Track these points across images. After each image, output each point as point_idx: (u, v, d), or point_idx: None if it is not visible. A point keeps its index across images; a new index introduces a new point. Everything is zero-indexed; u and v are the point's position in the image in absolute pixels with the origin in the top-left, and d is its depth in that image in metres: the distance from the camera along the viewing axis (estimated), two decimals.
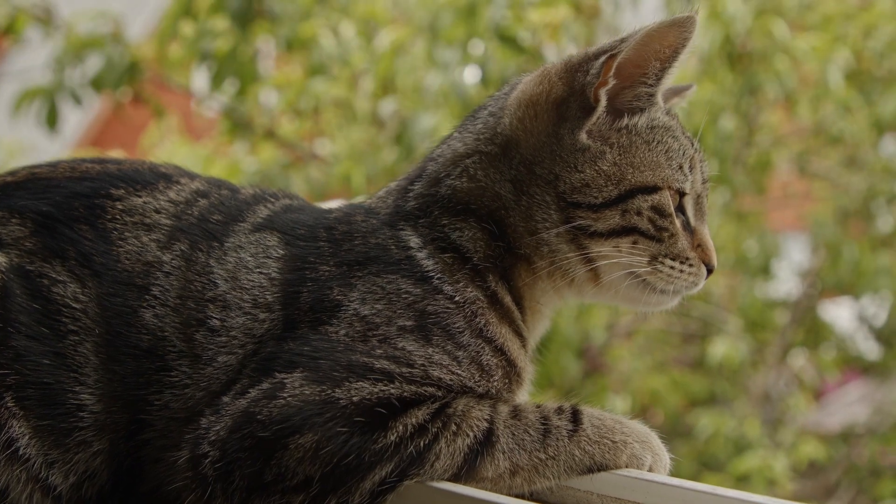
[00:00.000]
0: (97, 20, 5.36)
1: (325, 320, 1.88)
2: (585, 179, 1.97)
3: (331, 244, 1.97)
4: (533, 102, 2.03)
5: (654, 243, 2.00)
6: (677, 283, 2.03)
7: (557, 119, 2.00)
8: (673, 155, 2.03)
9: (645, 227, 1.98)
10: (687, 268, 2.02)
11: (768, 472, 6.00)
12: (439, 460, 1.78)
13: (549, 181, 1.98)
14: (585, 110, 1.99)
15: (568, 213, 1.97)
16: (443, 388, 1.85)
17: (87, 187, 2.01)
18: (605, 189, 1.96)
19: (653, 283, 2.02)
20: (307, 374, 1.81)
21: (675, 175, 2.01)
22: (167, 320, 1.90)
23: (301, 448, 1.76)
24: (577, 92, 2.00)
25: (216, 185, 2.11)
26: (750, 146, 6.62)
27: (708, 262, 2.04)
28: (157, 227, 1.98)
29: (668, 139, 2.03)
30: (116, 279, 1.92)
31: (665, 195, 1.99)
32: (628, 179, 1.97)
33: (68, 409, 1.86)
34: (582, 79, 2.00)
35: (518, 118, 2.03)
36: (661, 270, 2.01)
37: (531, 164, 2.00)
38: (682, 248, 2.02)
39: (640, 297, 2.05)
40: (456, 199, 2.02)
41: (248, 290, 1.92)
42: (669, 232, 2.00)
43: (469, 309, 1.92)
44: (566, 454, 1.81)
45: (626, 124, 2.01)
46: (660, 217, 1.99)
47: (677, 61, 2.01)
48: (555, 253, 1.99)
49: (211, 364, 1.88)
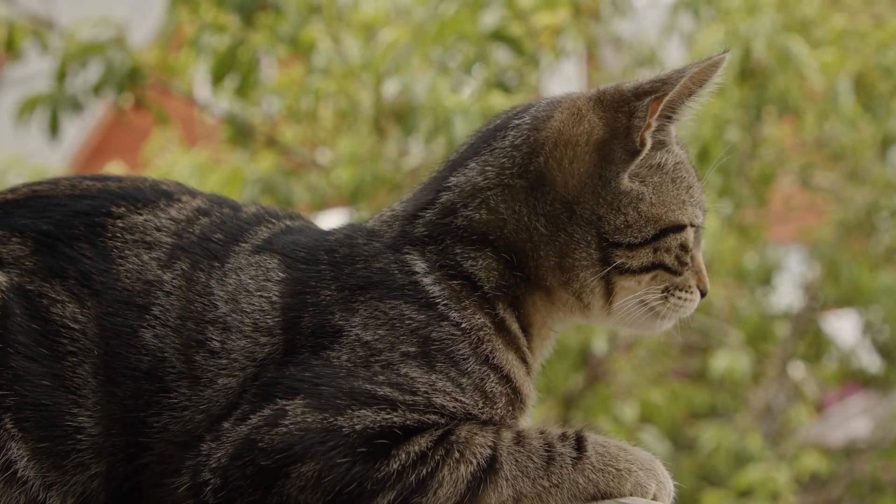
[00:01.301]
0: (99, 27, 5.35)
1: (327, 345, 1.85)
2: (628, 221, 1.96)
3: (332, 268, 1.94)
4: (573, 143, 2.00)
5: (672, 276, 2.01)
6: (682, 310, 2.05)
7: (600, 161, 1.98)
8: (693, 191, 2.04)
9: (671, 263, 1.99)
10: (689, 296, 2.04)
11: (772, 485, 5.98)
12: (442, 488, 1.76)
13: (590, 222, 1.97)
14: (630, 153, 1.98)
15: (607, 252, 1.97)
16: (446, 416, 1.83)
17: (87, 205, 1.98)
18: (644, 229, 1.97)
19: (661, 312, 2.03)
20: (309, 400, 1.79)
21: (694, 211, 2.03)
22: (167, 341, 1.87)
23: (303, 477, 1.74)
24: (620, 134, 1.98)
25: (218, 203, 2.08)
26: (753, 159, 6.61)
27: (703, 288, 2.07)
28: (158, 246, 1.95)
29: (684, 174, 2.04)
30: (116, 298, 1.89)
31: (689, 232, 2.01)
32: (663, 219, 1.98)
33: (66, 430, 1.84)
34: (625, 121, 1.98)
35: (556, 158, 1.99)
36: (672, 302, 2.02)
37: (571, 203, 1.98)
38: (687, 277, 2.03)
39: (645, 323, 2.05)
40: (472, 230, 1.99)
41: (248, 313, 1.89)
42: (688, 266, 2.02)
43: (475, 335, 1.90)
44: (570, 482, 1.79)
45: (657, 162, 2.01)
46: (684, 253, 2.00)
47: (702, 95, 2.02)
48: (584, 286, 1.99)
49: (210, 386, 1.86)
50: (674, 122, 2.03)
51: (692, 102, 2.02)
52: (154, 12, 13.72)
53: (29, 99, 5.37)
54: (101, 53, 5.24)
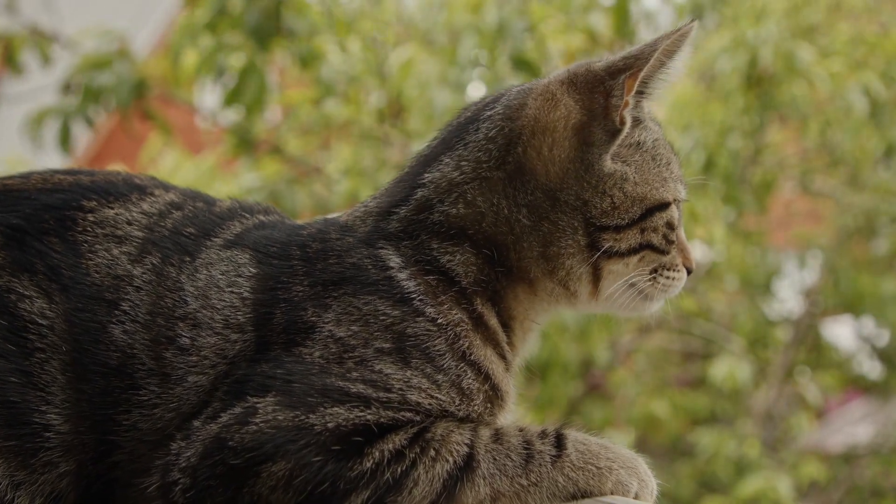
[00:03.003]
0: (103, 38, 5.33)
1: (300, 342, 1.82)
2: (615, 203, 1.94)
3: (304, 263, 1.90)
4: (550, 129, 1.96)
5: (660, 256, 1.99)
6: (670, 290, 2.02)
7: (580, 145, 1.95)
8: (672, 167, 2.01)
9: (658, 243, 1.97)
10: (676, 274, 2.02)
11: (773, 494, 5.98)
12: (417, 487, 1.72)
13: (576, 207, 1.94)
14: (610, 134, 1.95)
15: (595, 237, 1.94)
16: (421, 413, 1.79)
17: (58, 199, 1.94)
18: (631, 210, 1.94)
19: (650, 293, 2.01)
20: (280, 398, 1.75)
21: (676, 186, 2.00)
22: (137, 337, 1.83)
23: (274, 476, 1.71)
24: (598, 115, 1.95)
25: (191, 197, 2.04)
26: (755, 165, 6.62)
27: (689, 266, 2.05)
28: (129, 240, 1.91)
29: (663, 151, 2.02)
30: (85, 293, 1.85)
31: (673, 209, 1.99)
32: (648, 198, 1.96)
33: (34, 428, 1.80)
34: (602, 101, 1.95)
35: (534, 147, 1.96)
36: (660, 282, 2.00)
37: (554, 191, 1.94)
38: (674, 256, 2.01)
39: (635, 306, 2.03)
40: (449, 225, 1.95)
41: (219, 309, 1.86)
42: (675, 244, 2.00)
43: (452, 331, 1.86)
44: (549, 480, 1.75)
45: (636, 140, 1.98)
46: (670, 231, 1.99)
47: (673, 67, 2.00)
48: (570, 275, 1.96)
49: (181, 384, 1.82)
50: (647, 97, 2.00)
51: (663, 75, 2.00)
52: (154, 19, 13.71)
53: (38, 112, 5.36)
54: (108, 67, 5.23)
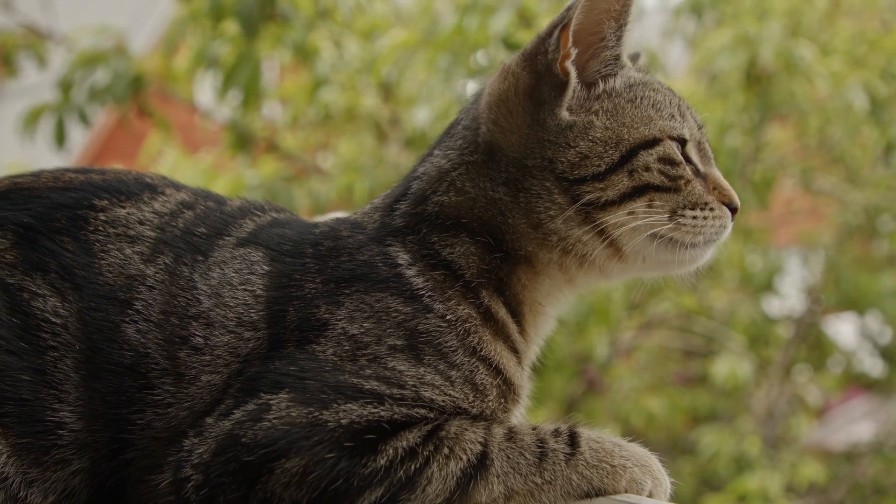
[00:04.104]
0: (100, 35, 5.33)
1: (313, 339, 1.82)
2: (582, 152, 1.92)
3: (317, 260, 1.91)
4: (504, 100, 1.99)
5: (672, 195, 1.94)
6: (705, 231, 1.96)
7: (533, 107, 1.96)
8: (660, 106, 1.99)
9: (659, 181, 1.93)
10: (709, 213, 1.97)
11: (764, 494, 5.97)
12: (431, 485, 1.72)
13: (544, 168, 1.93)
14: (559, 88, 1.95)
15: (573, 191, 1.92)
16: (435, 410, 1.80)
17: (69, 198, 1.95)
18: (605, 155, 1.92)
19: (680, 238, 1.95)
20: (294, 395, 1.76)
21: (670, 123, 1.98)
22: (150, 336, 1.84)
23: (287, 473, 1.71)
24: (543, 74, 1.96)
25: (202, 197, 2.05)
26: (755, 162, 6.61)
27: (729, 202, 1.99)
28: (141, 240, 1.92)
29: (649, 93, 2.00)
30: (98, 293, 1.86)
31: (668, 144, 1.95)
32: (626, 139, 1.93)
33: (47, 426, 1.80)
34: (543, 60, 1.96)
35: (493, 121, 1.99)
36: (685, 223, 1.95)
37: (520, 159, 1.95)
38: (699, 194, 1.96)
39: (671, 257, 1.97)
40: (444, 215, 1.97)
41: (232, 307, 1.86)
42: (685, 179, 1.95)
43: (462, 327, 1.86)
44: (563, 478, 1.75)
45: (603, 89, 1.97)
46: (671, 166, 1.95)
47: (631, 16, 1.98)
48: (565, 239, 1.94)
49: (194, 383, 1.82)
50: (612, 48, 1.98)
51: (624, 23, 1.97)
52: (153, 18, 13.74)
53: (34, 109, 5.34)
54: (105, 63, 5.21)
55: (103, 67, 5.24)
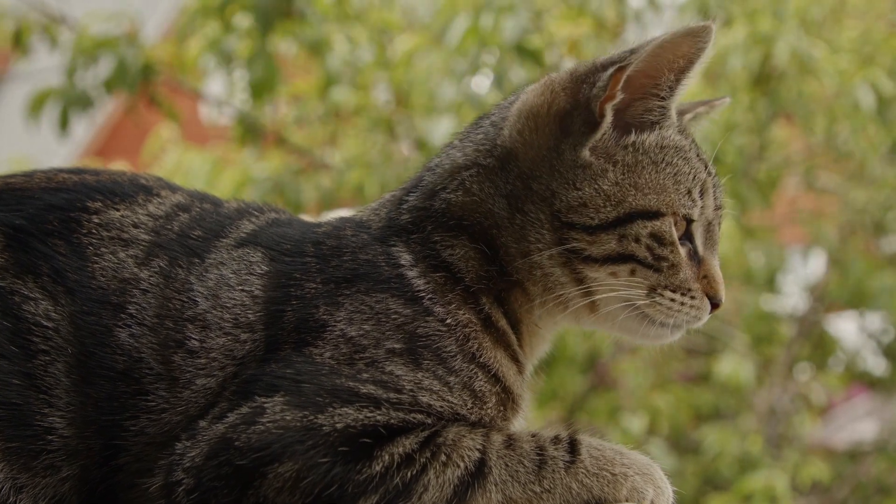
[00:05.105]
0: (112, 21, 5.27)
1: (310, 341, 1.78)
2: (583, 198, 1.86)
3: (318, 260, 1.87)
4: (534, 114, 1.92)
5: (653, 273, 1.88)
6: (678, 316, 1.91)
7: (559, 133, 1.90)
8: (682, 178, 1.90)
9: (642, 256, 1.87)
10: (689, 300, 1.90)
11: (770, 493, 5.97)
12: (427, 492, 1.69)
13: (544, 198, 1.88)
14: (590, 125, 1.88)
15: (562, 233, 1.87)
16: (433, 416, 1.76)
17: (62, 199, 1.90)
18: (602, 210, 1.85)
19: (651, 315, 1.90)
20: (289, 398, 1.72)
21: (681, 200, 1.89)
22: (144, 341, 1.80)
23: (280, 478, 1.68)
24: (581, 105, 1.89)
25: (199, 199, 2.01)
26: (760, 161, 6.61)
27: (713, 296, 1.92)
28: (135, 243, 1.88)
29: (677, 160, 1.91)
30: (91, 297, 1.82)
31: (668, 222, 1.87)
32: (629, 202, 1.86)
33: (36, 431, 1.76)
34: (587, 91, 1.89)
35: (518, 130, 1.93)
36: (661, 303, 1.89)
37: (528, 178, 1.90)
38: (683, 279, 1.89)
39: (638, 329, 1.93)
40: (450, 214, 1.92)
41: (229, 308, 1.82)
42: (669, 262, 1.88)
43: (461, 332, 1.83)
44: (563, 487, 1.71)
45: (633, 141, 1.89)
46: (659, 245, 1.87)
47: (692, 72, 1.90)
48: (548, 277, 1.89)
49: (189, 387, 1.79)
50: (662, 99, 1.91)
51: (682, 77, 1.90)
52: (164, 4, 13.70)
53: (39, 93, 5.28)
54: (114, 49, 5.15)
55: (111, 54, 5.16)
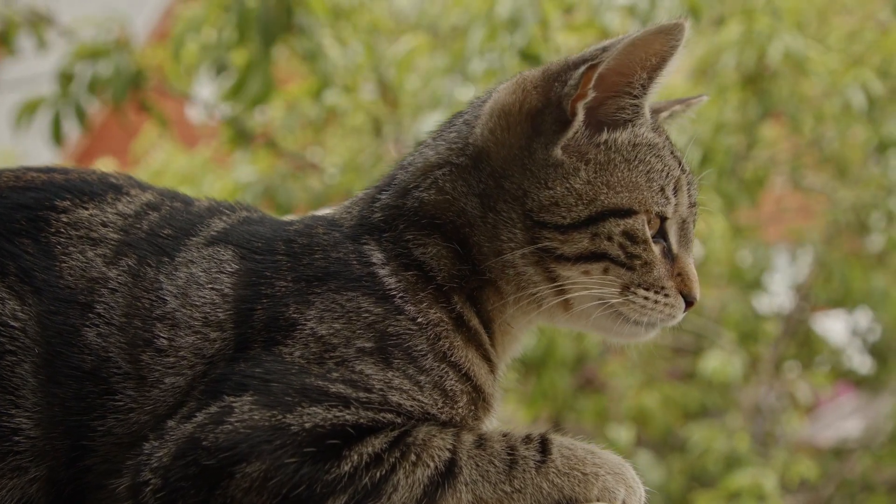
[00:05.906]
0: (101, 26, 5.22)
1: (280, 340, 1.77)
2: (555, 197, 1.85)
3: (289, 258, 1.86)
4: (506, 112, 1.91)
5: (626, 271, 1.87)
6: (651, 314, 1.90)
7: (531, 131, 1.89)
8: (655, 176, 1.89)
9: (615, 254, 1.86)
10: (662, 298, 1.90)
11: (758, 491, 6.01)
12: (397, 492, 1.68)
13: (516, 197, 1.87)
14: (562, 124, 1.87)
15: (534, 232, 1.86)
16: (402, 415, 1.75)
17: (30, 198, 1.89)
18: (574, 209, 1.85)
19: (625, 313, 1.90)
20: (257, 397, 1.71)
21: (654, 198, 1.88)
22: (112, 340, 1.79)
23: (248, 477, 1.66)
24: (552, 104, 1.88)
25: (169, 197, 1.99)
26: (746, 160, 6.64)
27: (687, 294, 1.91)
28: (104, 242, 1.86)
29: (651, 158, 1.90)
30: (58, 296, 1.81)
31: (640, 220, 1.87)
32: (601, 200, 1.85)
33: (3, 432, 1.75)
34: (559, 90, 1.88)
35: (490, 128, 1.92)
36: (635, 301, 1.89)
37: (500, 177, 1.89)
38: (657, 276, 1.89)
39: (611, 327, 1.92)
40: (422, 213, 1.91)
41: (198, 307, 1.81)
42: (642, 260, 1.87)
43: (432, 331, 1.82)
44: (533, 487, 1.71)
45: (605, 139, 1.88)
46: (632, 243, 1.86)
47: (665, 70, 1.88)
48: (520, 276, 1.88)
49: (157, 386, 1.77)
50: (635, 97, 1.90)
51: (655, 76, 1.88)
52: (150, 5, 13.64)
53: (29, 102, 5.24)
54: (107, 56, 5.12)
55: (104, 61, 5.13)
